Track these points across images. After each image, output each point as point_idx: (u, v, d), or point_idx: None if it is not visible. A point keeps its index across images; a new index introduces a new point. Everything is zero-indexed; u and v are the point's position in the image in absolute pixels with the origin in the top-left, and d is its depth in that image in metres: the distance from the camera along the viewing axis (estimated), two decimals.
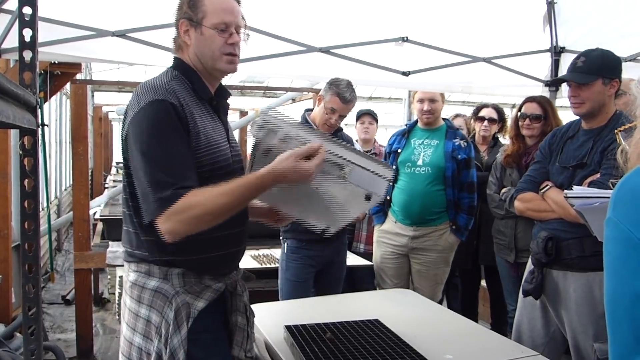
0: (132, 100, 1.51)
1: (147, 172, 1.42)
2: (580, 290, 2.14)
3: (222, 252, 1.57)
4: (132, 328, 1.54)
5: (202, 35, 1.54)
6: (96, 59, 3.40)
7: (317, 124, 2.95)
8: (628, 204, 0.74)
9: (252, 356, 1.66)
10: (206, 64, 1.57)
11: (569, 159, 2.26)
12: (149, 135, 1.43)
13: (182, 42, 1.59)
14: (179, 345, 1.46)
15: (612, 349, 0.75)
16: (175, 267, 1.51)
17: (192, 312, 1.50)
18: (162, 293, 1.50)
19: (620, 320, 0.73)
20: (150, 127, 1.43)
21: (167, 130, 1.44)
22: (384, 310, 2.22)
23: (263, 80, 8.27)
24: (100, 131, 8.52)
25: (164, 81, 1.52)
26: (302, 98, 5.81)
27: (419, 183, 3.14)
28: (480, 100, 5.20)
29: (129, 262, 1.58)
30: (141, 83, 1.56)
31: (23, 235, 1.23)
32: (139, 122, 1.44)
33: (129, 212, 1.55)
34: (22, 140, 1.20)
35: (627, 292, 0.72)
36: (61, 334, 4.34)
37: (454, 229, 3.18)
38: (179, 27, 1.57)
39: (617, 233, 0.74)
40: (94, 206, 4.74)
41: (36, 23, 1.18)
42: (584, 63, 2.18)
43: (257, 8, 2.91)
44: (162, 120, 1.44)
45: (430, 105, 3.20)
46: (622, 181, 0.77)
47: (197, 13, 1.54)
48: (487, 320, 3.88)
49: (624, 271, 0.73)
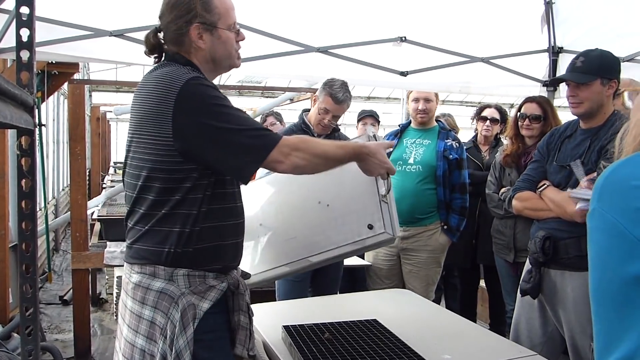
0: (156, 89, 1.49)
1: (241, 130, 1.48)
2: (578, 289, 2.15)
3: (231, 240, 1.60)
4: (135, 330, 1.53)
5: (220, 38, 1.58)
6: (94, 59, 3.39)
7: (312, 124, 2.96)
8: (614, 195, 0.75)
9: (254, 354, 1.67)
10: (221, 65, 1.63)
11: (566, 158, 2.26)
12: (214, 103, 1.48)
13: (195, 46, 1.57)
14: (185, 346, 1.46)
15: (598, 339, 0.76)
16: (181, 268, 1.51)
17: (198, 313, 1.51)
18: (167, 294, 1.50)
19: (607, 308, 0.74)
20: (210, 95, 1.48)
21: (220, 95, 1.51)
22: (382, 310, 2.22)
23: (261, 81, 8.28)
24: (97, 131, 8.48)
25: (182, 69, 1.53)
26: (300, 98, 5.81)
27: (410, 181, 3.15)
28: (479, 101, 5.22)
29: (132, 263, 1.57)
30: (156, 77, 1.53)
31: (20, 236, 1.22)
32: (195, 100, 1.47)
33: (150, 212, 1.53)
34: (20, 140, 1.20)
35: (613, 280, 0.73)
36: (59, 335, 4.33)
37: (445, 229, 3.19)
38: (191, 31, 1.55)
39: (602, 223, 0.76)
40: (92, 206, 4.73)
41: (33, 23, 1.18)
42: (583, 63, 2.18)
43: (255, 8, 2.91)
44: (212, 89, 1.50)
45: (425, 104, 3.23)
46: (607, 173, 0.78)
47: (213, 16, 1.55)
48: (486, 320, 3.88)
49: (610, 260, 0.74)
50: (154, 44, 1.60)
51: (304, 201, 2.09)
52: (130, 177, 1.57)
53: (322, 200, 2.05)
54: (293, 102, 6.07)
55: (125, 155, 1.61)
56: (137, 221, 1.56)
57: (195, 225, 1.51)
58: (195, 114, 1.46)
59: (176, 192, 1.49)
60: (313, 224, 2.04)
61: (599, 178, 0.79)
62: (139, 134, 1.54)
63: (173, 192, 1.50)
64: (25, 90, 1.13)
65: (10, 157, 3.53)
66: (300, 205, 2.11)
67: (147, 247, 1.53)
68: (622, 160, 0.79)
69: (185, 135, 1.46)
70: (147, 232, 1.53)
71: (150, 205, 1.52)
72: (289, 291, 2.95)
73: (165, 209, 1.50)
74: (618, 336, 0.72)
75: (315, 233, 2.02)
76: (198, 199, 1.51)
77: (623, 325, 0.71)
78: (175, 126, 1.45)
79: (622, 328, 0.71)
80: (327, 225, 2.01)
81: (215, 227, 1.55)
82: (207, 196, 1.52)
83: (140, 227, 1.55)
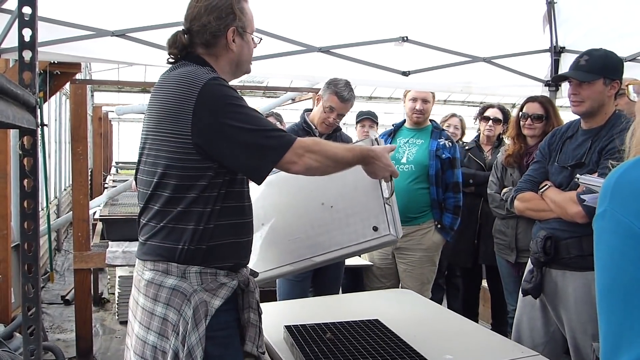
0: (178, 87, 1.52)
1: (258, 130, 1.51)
2: (580, 289, 2.15)
3: (244, 238, 1.63)
4: (146, 327, 1.54)
5: (247, 42, 1.67)
6: (96, 58, 3.40)
7: (315, 123, 2.96)
8: (627, 196, 0.74)
9: (263, 351, 1.68)
10: (240, 69, 1.71)
11: (567, 158, 2.26)
12: (235, 104, 1.51)
13: (225, 48, 1.63)
14: (197, 343, 1.47)
15: (606, 340, 0.75)
16: (194, 265, 1.53)
17: (210, 310, 1.52)
18: (180, 291, 1.52)
19: (618, 310, 0.74)
20: (229, 96, 1.52)
21: (239, 96, 1.55)
22: (384, 310, 2.22)
23: (263, 80, 8.27)
24: (99, 131, 8.51)
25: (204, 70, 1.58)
26: (301, 98, 5.80)
27: (402, 180, 3.15)
28: (481, 101, 5.21)
29: (144, 260, 1.59)
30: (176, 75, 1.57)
31: (22, 235, 1.23)
32: (216, 99, 1.50)
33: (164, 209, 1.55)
34: (22, 140, 1.20)
35: (628, 283, 0.72)
36: (60, 334, 4.34)
37: (439, 228, 3.19)
38: (227, 33, 1.61)
39: (614, 225, 0.75)
40: (94, 206, 4.74)
41: (36, 23, 1.18)
42: (587, 62, 2.18)
43: (257, 8, 2.91)
44: (232, 90, 1.54)
45: (423, 105, 3.24)
46: (620, 173, 0.77)
47: (245, 21, 1.64)
48: (488, 320, 3.88)
49: (624, 262, 0.73)
50: (185, 44, 1.63)
51: (308, 202, 2.11)
52: (145, 174, 1.59)
53: (326, 201, 2.07)
54: (295, 102, 6.06)
55: (140, 153, 1.63)
56: (151, 218, 1.58)
57: (209, 222, 1.53)
58: (214, 113, 1.49)
59: (192, 189, 1.52)
60: (317, 225, 2.05)
61: (608, 178, 0.78)
62: (156, 131, 1.56)
63: (189, 190, 1.52)
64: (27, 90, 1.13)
65: (12, 157, 3.53)
66: (303, 205, 2.12)
67: (161, 244, 1.55)
68: (634, 161, 0.78)
69: (204, 133, 1.49)
70: (162, 229, 1.55)
71: (165, 202, 1.54)
72: (290, 291, 2.95)
73: (181, 207, 1.53)
74: (630, 338, 0.71)
75: (319, 233, 2.03)
76: (213, 197, 1.53)
77: (636, 327, 0.71)
78: (195, 123, 1.48)
79: (635, 330, 0.71)
80: (331, 226, 2.03)
81: (229, 225, 1.57)
82: (221, 194, 1.54)
83: (155, 224, 1.56)
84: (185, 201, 1.52)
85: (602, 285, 0.77)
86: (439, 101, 12.67)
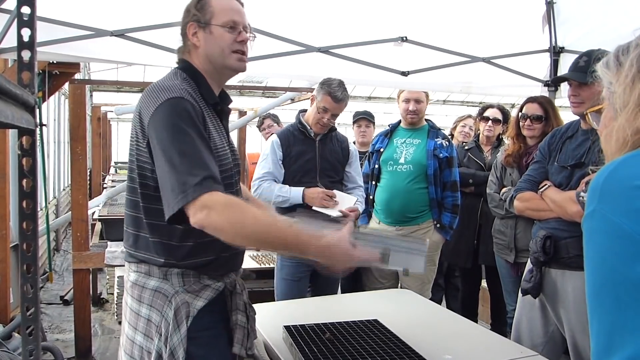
0: (145, 101, 1.50)
1: (177, 165, 1.37)
2: (579, 289, 2.14)
3: (225, 253, 1.58)
4: (134, 327, 1.56)
5: (211, 34, 1.58)
6: (95, 58, 3.40)
7: (310, 123, 2.97)
8: (617, 196, 0.75)
9: (252, 354, 1.68)
10: (216, 63, 1.60)
11: (567, 158, 2.26)
12: (175, 131, 1.41)
13: (191, 45, 1.62)
14: (179, 344, 1.48)
15: (598, 340, 0.75)
16: (175, 268, 1.53)
17: (192, 310, 1.52)
18: (161, 293, 1.53)
19: (610, 309, 0.74)
20: (175, 123, 1.42)
21: (190, 125, 1.43)
22: (383, 310, 2.22)
23: (262, 80, 8.27)
24: (98, 131, 8.48)
25: (177, 82, 1.53)
26: (301, 98, 5.80)
27: (400, 181, 3.16)
28: (480, 101, 5.22)
29: (129, 262, 1.61)
30: (151, 84, 1.56)
31: (21, 236, 1.22)
32: (162, 120, 1.43)
33: (136, 214, 1.55)
34: (21, 140, 1.20)
35: (619, 282, 0.72)
36: (59, 334, 4.33)
37: (438, 228, 3.19)
38: (187, 30, 1.60)
39: (604, 225, 0.75)
40: (93, 206, 4.72)
41: (35, 23, 1.17)
42: (586, 63, 2.18)
43: (256, 8, 2.90)
44: (184, 116, 1.43)
45: (416, 105, 3.25)
46: (608, 172, 0.77)
47: (205, 14, 1.59)
48: (487, 320, 3.88)
49: (614, 261, 0.73)
50: (181, 50, 1.66)
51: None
52: (131, 180, 1.58)
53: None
54: (294, 102, 6.05)
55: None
56: (128, 224, 1.59)
57: (185, 240, 1.50)
58: (157, 133, 1.43)
59: (159, 201, 1.44)
60: None
61: (596, 179, 0.78)
62: (131, 136, 1.57)
63: (157, 201, 1.45)
64: (26, 90, 1.13)
65: (11, 157, 3.53)
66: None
67: (139, 253, 1.57)
68: (620, 160, 0.78)
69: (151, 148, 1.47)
70: (138, 237, 1.56)
71: (138, 210, 1.54)
72: (287, 290, 2.95)
73: (153, 219, 1.51)
74: (622, 337, 0.71)
75: None
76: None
77: (628, 326, 0.71)
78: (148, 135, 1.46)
79: (628, 329, 0.71)
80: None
81: (209, 243, 1.47)
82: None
83: (132, 231, 1.58)
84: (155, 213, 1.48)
85: (593, 285, 0.77)
86: (438, 101, 12.70)
